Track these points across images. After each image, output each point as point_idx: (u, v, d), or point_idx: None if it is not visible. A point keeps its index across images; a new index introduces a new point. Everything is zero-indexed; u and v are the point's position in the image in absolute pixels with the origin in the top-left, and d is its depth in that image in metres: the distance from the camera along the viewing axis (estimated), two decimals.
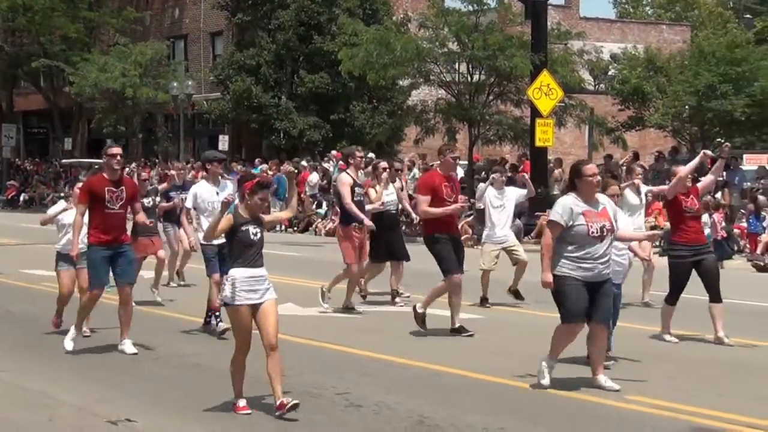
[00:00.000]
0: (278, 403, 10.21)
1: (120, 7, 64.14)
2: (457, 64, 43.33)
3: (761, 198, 31.42)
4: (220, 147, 55.03)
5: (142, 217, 15.21)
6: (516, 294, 19.16)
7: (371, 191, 18.58)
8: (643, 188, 18.52)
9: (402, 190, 21.00)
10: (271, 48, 53.28)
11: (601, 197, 11.93)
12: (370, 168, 20.51)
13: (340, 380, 11.87)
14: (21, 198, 59.82)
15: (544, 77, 37.29)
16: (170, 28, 65.27)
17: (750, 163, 39.16)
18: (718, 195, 32.24)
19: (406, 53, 42.24)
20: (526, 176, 24.55)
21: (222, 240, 11.36)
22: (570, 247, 11.57)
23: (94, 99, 59.58)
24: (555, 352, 11.99)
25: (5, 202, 59.14)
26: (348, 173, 18.07)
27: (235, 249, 10.70)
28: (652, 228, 26.05)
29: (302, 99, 52.78)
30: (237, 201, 10.91)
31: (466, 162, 41.50)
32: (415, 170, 40.91)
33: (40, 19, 61.33)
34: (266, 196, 11.08)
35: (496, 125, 43.63)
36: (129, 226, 15.45)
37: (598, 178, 12.00)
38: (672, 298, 15.15)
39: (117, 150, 14.41)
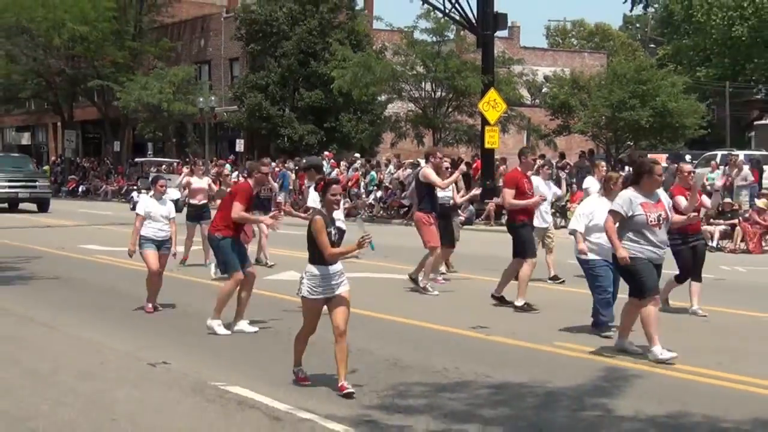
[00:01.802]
0: (339, 384, 9.04)
1: (158, 38, 64.15)
2: (423, 84, 43.56)
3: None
4: (237, 149, 55.43)
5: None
6: (555, 278, 17.48)
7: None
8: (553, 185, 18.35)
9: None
10: (277, 71, 53.67)
11: (659, 191, 11.14)
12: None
13: (327, 330, 11.77)
14: (79, 189, 59.87)
15: (492, 94, 37.31)
16: (197, 55, 65.38)
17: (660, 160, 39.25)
18: None
19: (384, 75, 42.61)
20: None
21: None
22: (632, 234, 10.76)
23: (137, 111, 59.65)
24: (655, 337, 10.57)
25: (67, 192, 59.08)
26: (428, 169, 16.51)
27: (315, 248, 9.22)
28: None
29: (302, 111, 53.27)
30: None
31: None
32: (391, 167, 40.98)
33: (95, 48, 61.24)
34: (338, 191, 9.59)
35: (454, 131, 44.35)
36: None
37: (663, 177, 11.43)
38: (681, 278, 14.04)
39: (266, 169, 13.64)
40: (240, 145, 55.85)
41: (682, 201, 13.17)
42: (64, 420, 8.17)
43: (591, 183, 17.15)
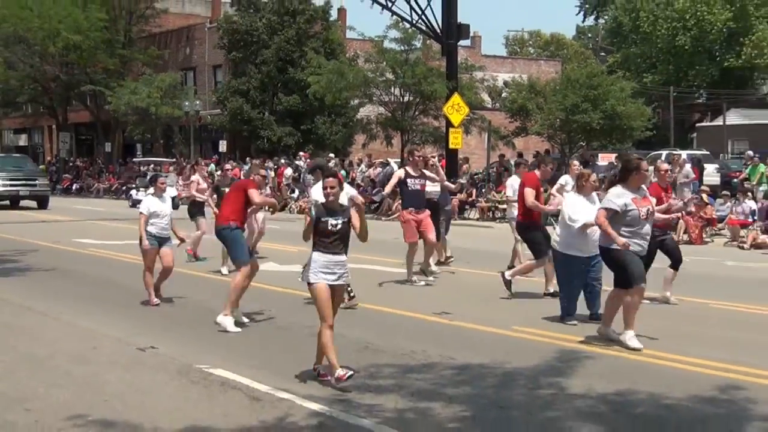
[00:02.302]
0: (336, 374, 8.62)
1: (146, 47, 64.19)
2: (392, 89, 43.65)
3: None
4: (220, 149, 55.33)
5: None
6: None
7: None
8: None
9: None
10: (257, 77, 53.63)
11: (643, 186, 10.97)
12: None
13: (305, 317, 11.78)
14: (73, 187, 59.49)
15: (456, 98, 37.39)
16: (183, 62, 65.16)
17: (603, 160, 39.60)
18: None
19: (356, 81, 42.73)
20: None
21: None
22: (624, 229, 10.46)
23: (126, 114, 59.40)
24: (631, 322, 10.54)
25: (62, 190, 58.65)
26: (406, 168, 16.01)
27: (315, 235, 8.90)
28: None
29: (280, 114, 53.24)
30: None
31: (399, 159, 41.67)
32: (363, 166, 40.96)
33: (87, 55, 61.15)
34: (332, 183, 8.97)
35: (421, 133, 44.44)
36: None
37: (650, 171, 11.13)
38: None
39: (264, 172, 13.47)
40: (223, 146, 55.89)
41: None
42: (59, 401, 8.13)
43: (567, 180, 17.02)
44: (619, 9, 70.45)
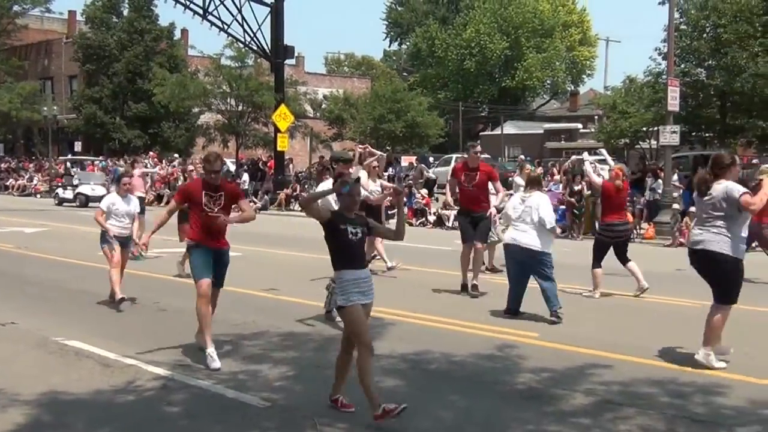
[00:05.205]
0: (337, 398, 6.67)
1: (8, 57, 61.42)
2: (228, 99, 43.30)
3: (411, 182, 32.08)
4: (76, 150, 53.45)
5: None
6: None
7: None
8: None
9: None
10: (109, 86, 53.01)
11: None
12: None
13: (154, 295, 11.48)
14: None
15: (282, 108, 37.44)
16: (42, 72, 62.81)
17: (405, 161, 40.46)
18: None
19: (197, 92, 42.30)
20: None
21: None
22: (741, 230, 7.78)
23: None
24: (715, 340, 7.98)
25: None
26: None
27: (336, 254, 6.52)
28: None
29: (130, 119, 52.82)
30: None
31: (234, 160, 42.07)
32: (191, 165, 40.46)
33: None
34: (357, 190, 6.60)
35: (253, 137, 44.18)
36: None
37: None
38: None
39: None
40: (78, 147, 54.51)
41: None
42: None
43: (520, 181, 16.74)
44: (418, 37, 71.77)
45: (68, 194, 36.94)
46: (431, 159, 42.08)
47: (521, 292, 10.65)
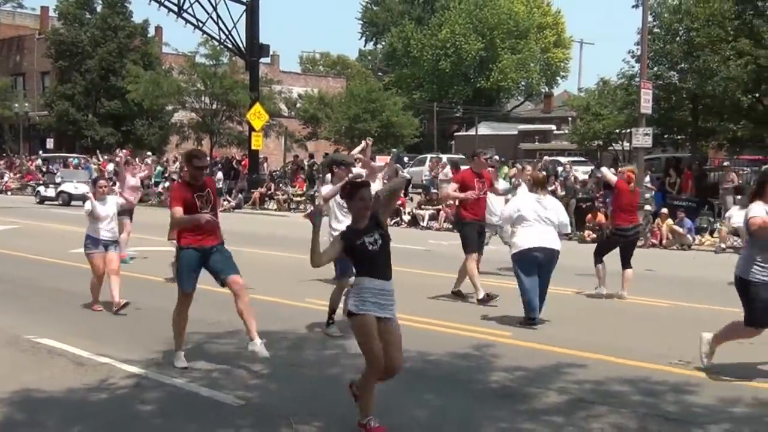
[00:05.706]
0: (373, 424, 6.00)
1: None
2: (203, 97, 43.13)
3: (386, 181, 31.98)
4: (48, 147, 53.02)
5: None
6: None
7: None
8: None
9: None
10: (82, 83, 52.48)
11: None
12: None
13: (128, 296, 11.39)
14: None
15: (257, 107, 37.28)
16: (14, 68, 62.07)
17: (380, 161, 40.38)
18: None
19: (170, 89, 42.06)
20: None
21: None
22: (761, 256, 7.43)
23: None
24: (722, 341, 7.95)
25: None
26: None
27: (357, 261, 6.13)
28: None
29: (103, 116, 52.40)
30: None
31: (209, 158, 41.67)
32: (178, 163, 40.08)
33: None
34: (367, 195, 6.01)
35: (227, 135, 44.02)
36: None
37: None
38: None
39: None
40: (50, 143, 53.88)
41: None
42: None
43: (523, 184, 16.34)
44: (393, 37, 71.81)
45: (50, 192, 36.24)
46: (406, 159, 42.11)
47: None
